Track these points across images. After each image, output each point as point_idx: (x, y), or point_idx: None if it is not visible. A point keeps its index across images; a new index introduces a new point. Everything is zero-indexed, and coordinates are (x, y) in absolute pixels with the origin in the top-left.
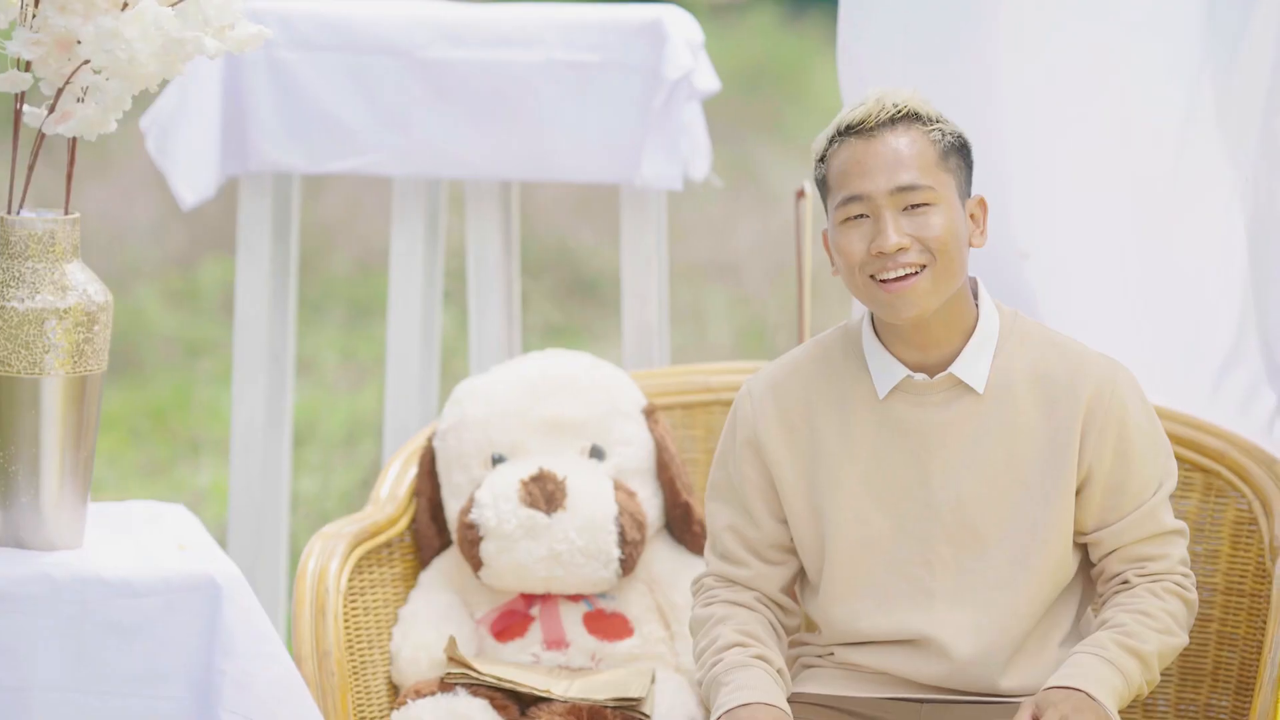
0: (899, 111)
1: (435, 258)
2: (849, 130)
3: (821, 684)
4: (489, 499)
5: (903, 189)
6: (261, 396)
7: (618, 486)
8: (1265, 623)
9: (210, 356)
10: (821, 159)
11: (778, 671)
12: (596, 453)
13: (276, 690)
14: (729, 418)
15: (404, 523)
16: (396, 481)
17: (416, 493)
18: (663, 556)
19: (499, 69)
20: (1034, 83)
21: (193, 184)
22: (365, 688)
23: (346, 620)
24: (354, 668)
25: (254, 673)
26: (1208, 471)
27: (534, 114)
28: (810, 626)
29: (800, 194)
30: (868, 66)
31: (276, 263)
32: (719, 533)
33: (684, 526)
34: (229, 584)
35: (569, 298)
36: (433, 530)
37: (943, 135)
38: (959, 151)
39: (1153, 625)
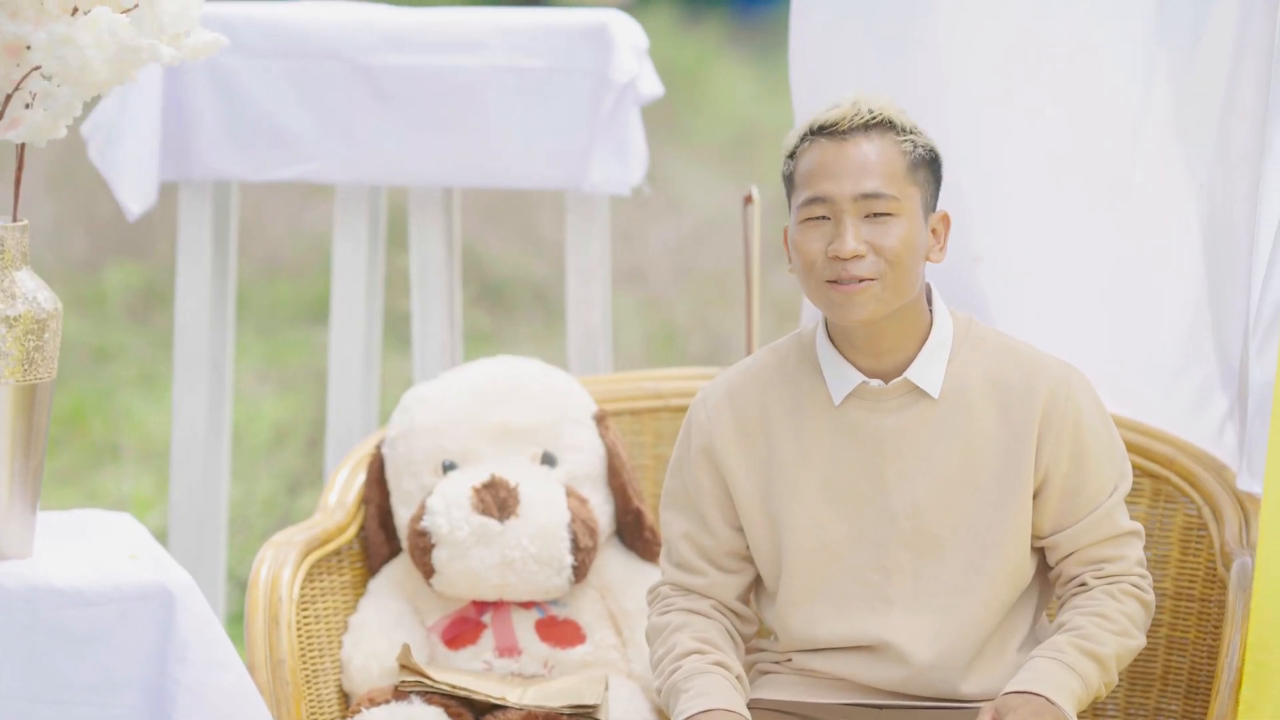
0: (873, 118)
1: (377, 264)
2: (821, 130)
3: (780, 690)
4: (441, 506)
5: (867, 196)
6: (203, 404)
7: (570, 493)
8: (1216, 627)
9: (119, 362)
10: (791, 155)
11: (736, 678)
12: (548, 459)
13: (231, 699)
14: (683, 426)
15: (353, 530)
16: (344, 489)
17: (365, 500)
18: (614, 563)
19: (443, 75)
20: (983, 83)
21: (137, 193)
22: (317, 696)
23: (298, 629)
24: (306, 676)
25: (208, 681)
26: (1156, 477)
27: (478, 120)
28: (765, 633)
29: (748, 199)
30: (818, 66)
31: (216, 270)
32: (674, 541)
33: (635, 533)
34: (182, 593)
35: (477, 304)
36: (382, 538)
37: (914, 147)
38: (929, 164)
39: (1110, 628)
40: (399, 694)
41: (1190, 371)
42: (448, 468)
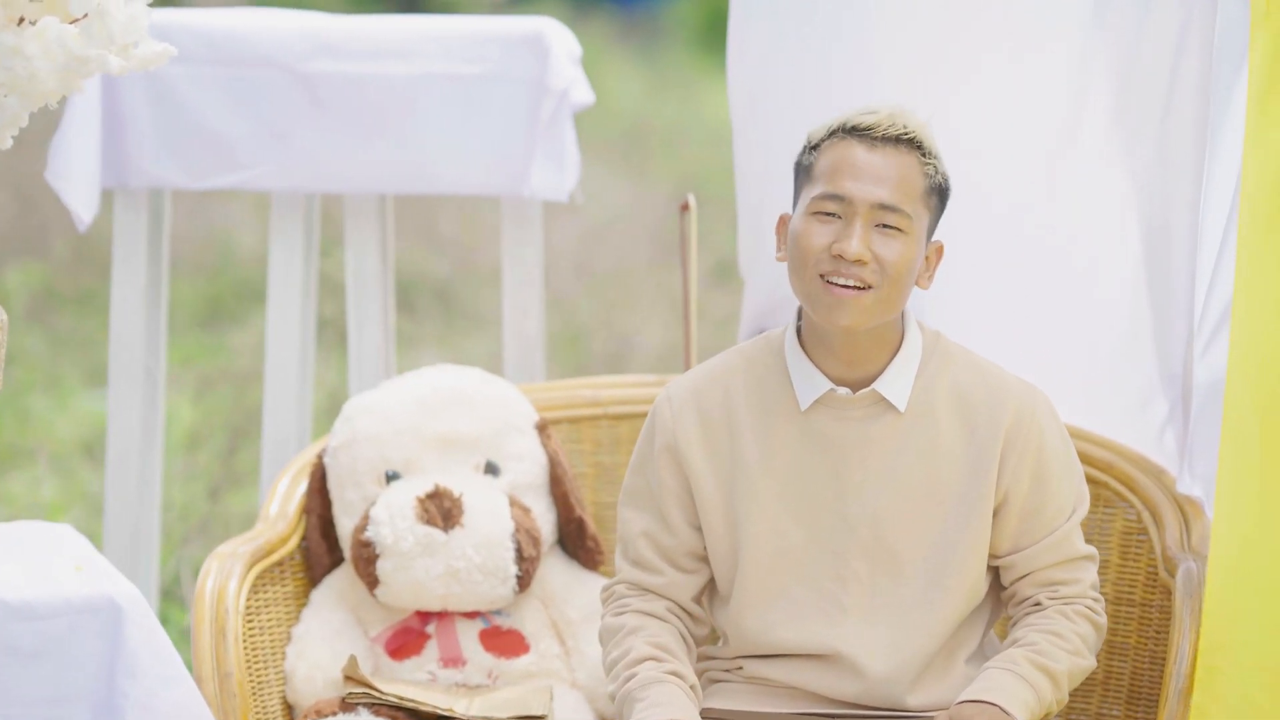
0: (906, 133)
1: (311, 271)
2: (853, 131)
3: (731, 699)
4: (385, 517)
5: (885, 206)
6: (138, 410)
7: (513, 503)
8: (1157, 632)
9: (21, 365)
10: (815, 147)
11: (691, 687)
12: (491, 469)
13: (180, 712)
14: (646, 424)
15: (295, 541)
16: (285, 499)
17: (307, 510)
18: (557, 572)
19: (379, 82)
20: (921, 83)
21: (85, 201)
22: (262, 708)
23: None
24: (251, 688)
25: (157, 694)
26: (1096, 482)
27: (415, 127)
28: (714, 638)
29: (684, 207)
30: (755, 66)
31: (150, 277)
32: (633, 539)
33: (578, 542)
34: (130, 605)
35: None
36: (324, 548)
37: (935, 171)
38: (939, 193)
39: (1064, 646)
40: (346, 706)
41: (1129, 376)
42: (391, 477)
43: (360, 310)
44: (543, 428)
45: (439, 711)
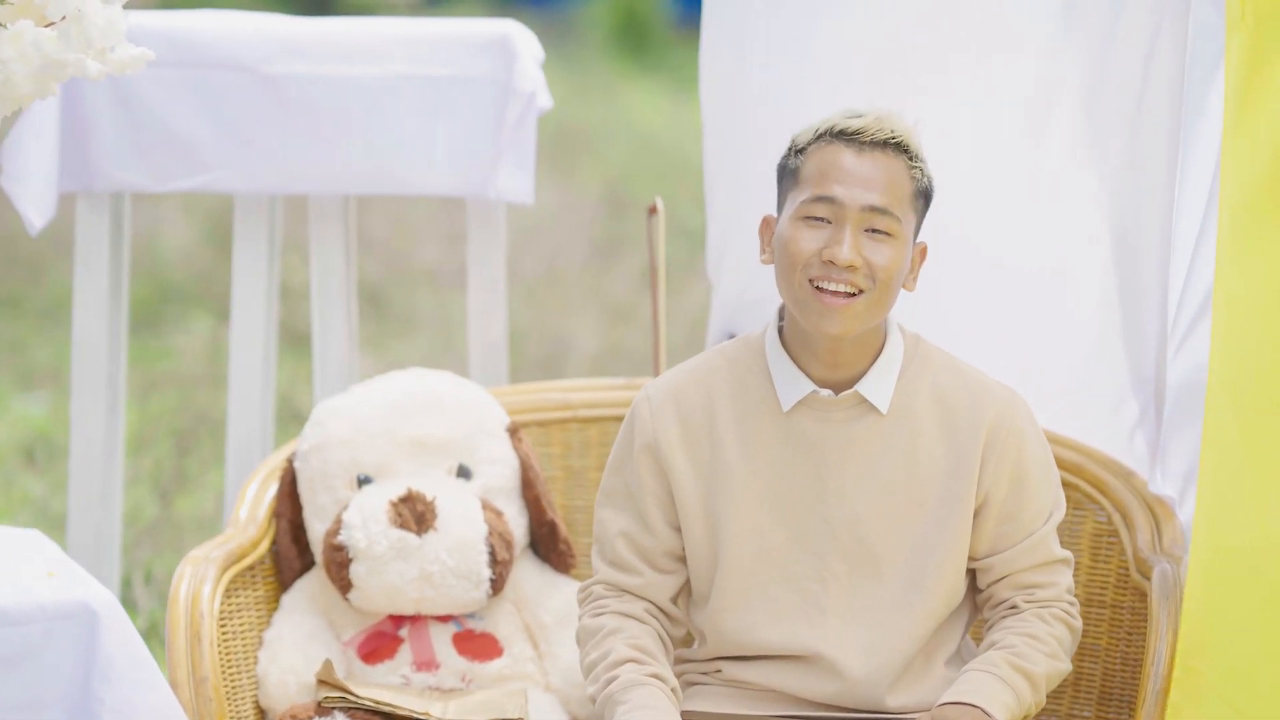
0: (894, 138)
1: (275, 274)
2: (840, 135)
3: (710, 701)
4: (358, 520)
5: (875, 209)
6: (101, 416)
7: (485, 506)
8: (1129, 634)
9: None
10: (800, 151)
11: (671, 690)
12: (463, 472)
13: (156, 717)
14: (625, 424)
15: (265, 545)
16: (255, 503)
17: (276, 514)
18: (529, 576)
19: (344, 84)
20: (892, 83)
21: (38, 206)
22: (236, 712)
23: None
24: (225, 692)
25: (133, 700)
26: (1065, 484)
27: (380, 129)
28: (689, 640)
29: (652, 210)
30: (727, 67)
31: (113, 280)
32: (611, 539)
33: (550, 545)
34: (105, 611)
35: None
36: (294, 552)
37: (921, 175)
38: (925, 196)
39: (1041, 649)
40: (322, 710)
41: (1101, 379)
42: (362, 481)
43: (325, 313)
44: (514, 431)
45: (414, 715)
